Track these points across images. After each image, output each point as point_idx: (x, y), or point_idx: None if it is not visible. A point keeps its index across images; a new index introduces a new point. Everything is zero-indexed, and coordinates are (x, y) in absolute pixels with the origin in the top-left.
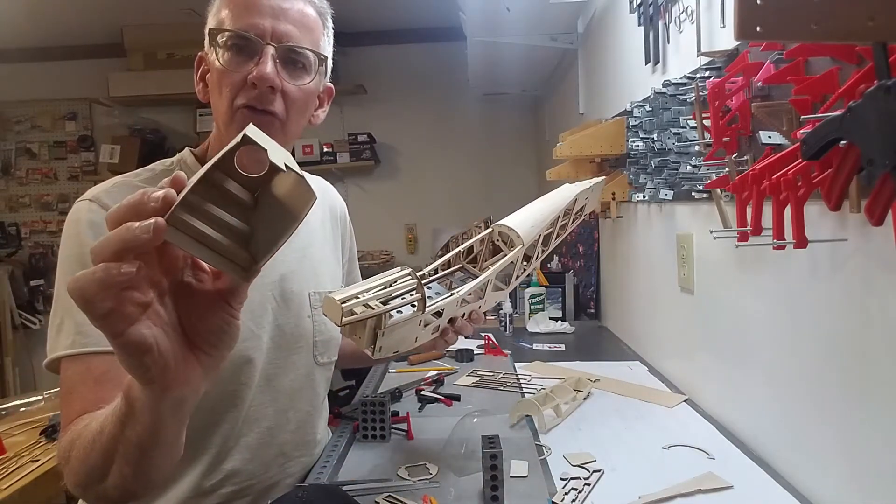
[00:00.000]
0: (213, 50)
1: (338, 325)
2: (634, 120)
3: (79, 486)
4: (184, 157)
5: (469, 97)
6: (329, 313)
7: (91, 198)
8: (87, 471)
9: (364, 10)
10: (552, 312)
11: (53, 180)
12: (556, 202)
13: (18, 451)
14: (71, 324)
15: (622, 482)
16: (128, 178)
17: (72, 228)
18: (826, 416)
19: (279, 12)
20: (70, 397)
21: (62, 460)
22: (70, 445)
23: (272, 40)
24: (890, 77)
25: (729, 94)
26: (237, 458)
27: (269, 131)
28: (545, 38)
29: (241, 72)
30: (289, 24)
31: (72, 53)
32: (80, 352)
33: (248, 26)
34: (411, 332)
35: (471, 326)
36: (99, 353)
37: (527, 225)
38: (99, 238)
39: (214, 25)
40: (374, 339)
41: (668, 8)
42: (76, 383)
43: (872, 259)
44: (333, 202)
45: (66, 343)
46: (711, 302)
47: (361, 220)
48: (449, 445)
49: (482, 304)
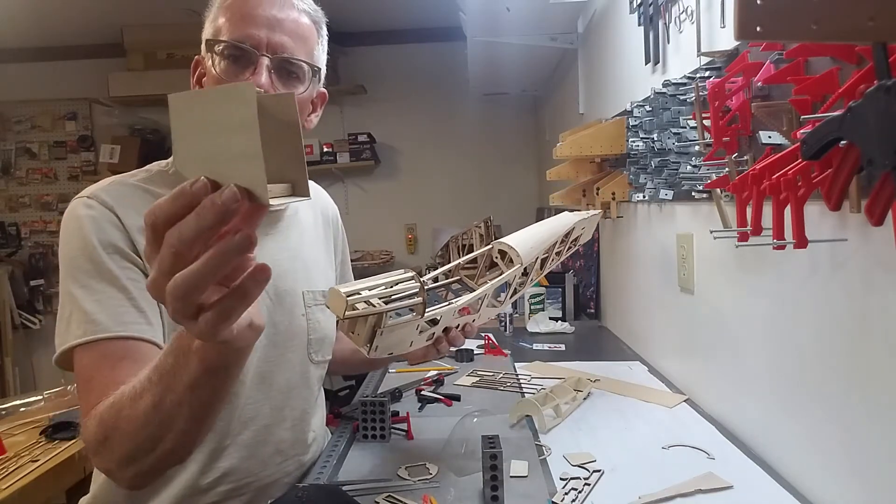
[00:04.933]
0: (209, 57)
1: (340, 318)
2: (634, 120)
3: (122, 461)
4: None
5: (469, 97)
6: (332, 305)
7: (89, 195)
8: (138, 444)
9: (364, 10)
10: (552, 312)
11: (53, 180)
12: (555, 228)
13: (18, 451)
14: (80, 314)
15: (622, 482)
16: (124, 177)
17: (72, 224)
18: (826, 416)
19: (275, 23)
20: (89, 384)
21: (96, 444)
22: (104, 428)
23: (267, 51)
24: (890, 77)
25: (729, 94)
26: (234, 456)
27: None
28: (545, 38)
29: (235, 80)
30: (284, 34)
31: (72, 53)
32: (91, 339)
33: (244, 37)
34: (407, 336)
35: (463, 338)
36: (111, 339)
37: (527, 246)
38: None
39: (212, 33)
40: (371, 337)
41: (668, 8)
42: (93, 370)
43: (872, 259)
44: (325, 205)
45: (77, 333)
46: (711, 302)
47: (361, 220)
48: (449, 445)
49: (476, 318)
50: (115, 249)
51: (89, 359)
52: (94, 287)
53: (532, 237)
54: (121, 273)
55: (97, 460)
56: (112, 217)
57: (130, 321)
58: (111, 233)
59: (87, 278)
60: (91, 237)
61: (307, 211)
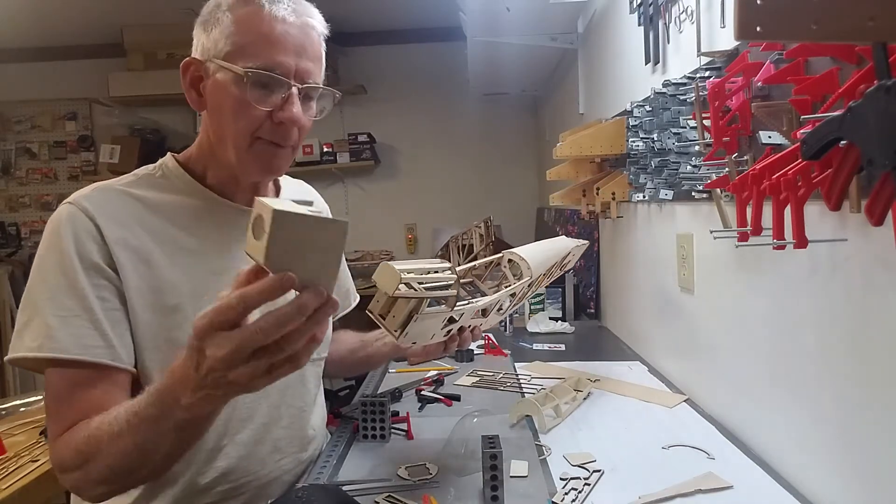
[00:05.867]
0: (223, 72)
1: (388, 294)
2: (634, 120)
3: (96, 483)
4: (166, 163)
5: (469, 97)
6: (381, 281)
7: (72, 201)
8: (116, 473)
9: (364, 10)
10: (552, 312)
11: (53, 180)
12: (558, 248)
13: (18, 451)
14: (40, 326)
15: (622, 482)
16: (110, 183)
17: (53, 231)
18: (826, 416)
19: (301, 50)
20: (59, 408)
21: (70, 468)
22: (81, 456)
23: (295, 79)
24: (890, 77)
25: (729, 94)
26: (231, 456)
27: (286, 160)
28: (545, 38)
29: (264, 106)
30: (309, 61)
31: (72, 53)
32: (47, 356)
33: (275, 64)
34: (432, 328)
35: (470, 341)
36: (70, 361)
37: (536, 260)
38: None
39: (230, 48)
40: (406, 322)
41: (668, 8)
42: (62, 394)
43: (872, 259)
44: (317, 206)
45: (32, 345)
46: (711, 302)
47: (361, 220)
48: (449, 445)
49: (484, 323)
50: (91, 265)
51: (59, 382)
52: (61, 302)
53: (540, 253)
54: (91, 291)
55: (67, 478)
56: (92, 228)
57: (91, 344)
58: (89, 246)
59: (57, 290)
60: (69, 249)
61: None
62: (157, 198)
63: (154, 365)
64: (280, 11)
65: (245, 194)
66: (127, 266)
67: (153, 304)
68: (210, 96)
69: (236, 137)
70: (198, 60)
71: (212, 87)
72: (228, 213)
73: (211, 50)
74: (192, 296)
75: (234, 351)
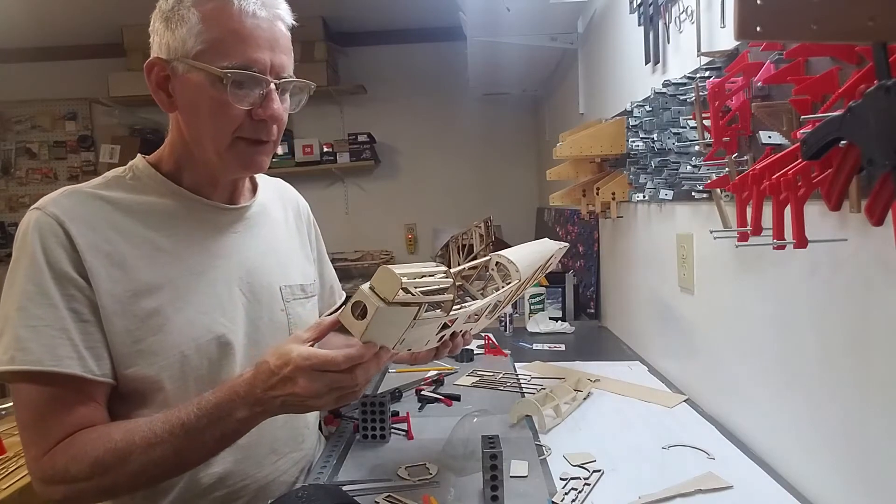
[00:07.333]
0: (196, 72)
1: (388, 301)
2: (634, 120)
3: (103, 493)
4: (136, 165)
5: (469, 97)
6: (379, 286)
7: (40, 206)
8: (143, 479)
9: (364, 10)
10: (552, 312)
11: (53, 180)
12: (543, 251)
13: (18, 451)
14: (11, 338)
15: (622, 482)
16: (79, 186)
17: (23, 239)
18: (826, 416)
19: (273, 44)
20: (44, 422)
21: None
22: (100, 466)
23: (271, 74)
24: (890, 77)
25: (729, 94)
26: (228, 460)
27: (267, 156)
28: (545, 38)
29: (243, 105)
30: (283, 54)
31: (72, 53)
32: (20, 369)
33: (251, 61)
34: (427, 334)
35: (462, 346)
36: (42, 373)
37: (524, 263)
38: (46, 252)
39: (202, 47)
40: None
41: (668, 8)
42: (45, 408)
43: (872, 259)
44: (297, 202)
45: (3, 358)
46: (711, 302)
47: (361, 220)
48: (449, 445)
49: (475, 327)
50: (60, 273)
51: (38, 395)
52: (32, 311)
53: (528, 255)
54: (62, 301)
55: (59, 489)
56: (62, 234)
57: (64, 355)
58: (59, 255)
59: (27, 300)
60: (39, 257)
61: (276, 206)
62: (129, 199)
63: (136, 371)
64: (249, 6)
65: (223, 192)
66: (100, 272)
67: (130, 308)
68: (182, 97)
69: (216, 138)
70: (163, 60)
71: (183, 87)
72: (206, 211)
73: (179, 49)
74: (172, 297)
75: (325, 386)
